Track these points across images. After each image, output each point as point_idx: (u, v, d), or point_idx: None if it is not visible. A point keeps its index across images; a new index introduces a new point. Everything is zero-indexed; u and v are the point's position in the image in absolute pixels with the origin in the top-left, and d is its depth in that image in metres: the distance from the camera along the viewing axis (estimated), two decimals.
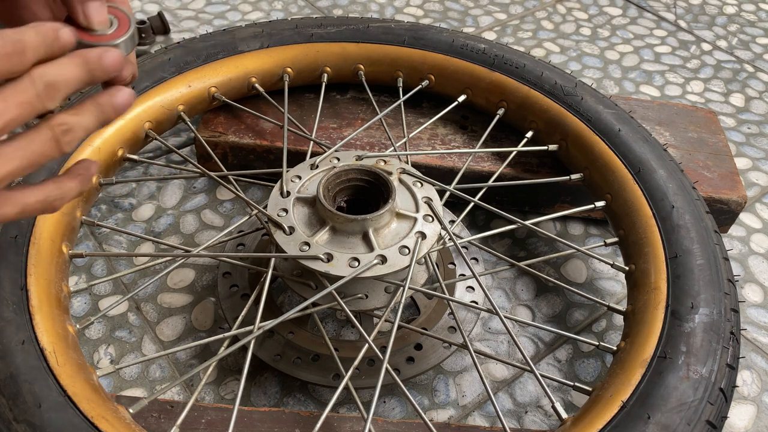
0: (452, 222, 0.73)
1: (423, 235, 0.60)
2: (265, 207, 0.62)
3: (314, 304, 0.58)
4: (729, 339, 0.56)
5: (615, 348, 0.60)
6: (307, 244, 0.59)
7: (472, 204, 0.70)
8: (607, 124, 0.73)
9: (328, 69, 0.83)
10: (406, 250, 0.59)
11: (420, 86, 0.82)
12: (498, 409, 0.55)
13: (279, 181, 0.64)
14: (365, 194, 0.64)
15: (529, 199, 0.81)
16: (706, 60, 1.14)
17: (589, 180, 0.72)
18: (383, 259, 0.58)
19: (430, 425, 0.53)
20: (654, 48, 1.16)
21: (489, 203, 0.70)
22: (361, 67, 0.83)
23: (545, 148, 0.76)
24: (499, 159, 0.79)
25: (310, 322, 0.68)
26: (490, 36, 1.17)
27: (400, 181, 0.65)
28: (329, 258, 0.58)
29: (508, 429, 0.54)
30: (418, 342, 0.66)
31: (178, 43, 0.80)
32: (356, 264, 0.57)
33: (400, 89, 0.82)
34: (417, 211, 0.62)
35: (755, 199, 0.89)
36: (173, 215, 0.81)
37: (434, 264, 0.64)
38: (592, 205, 0.70)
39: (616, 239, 0.68)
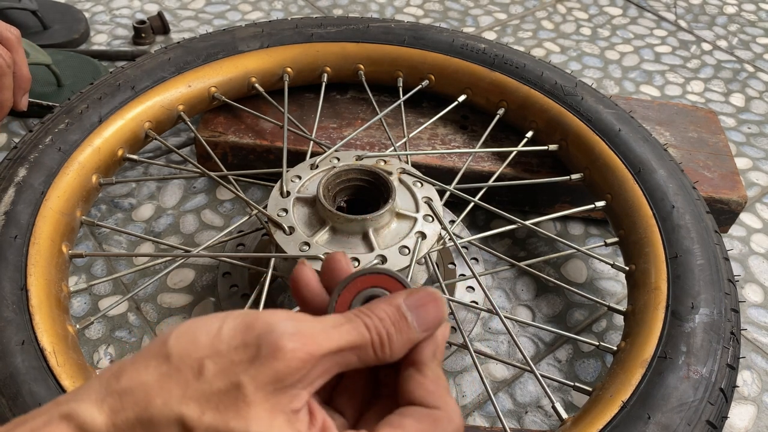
0: (452, 222, 0.72)
1: (423, 235, 0.60)
2: (265, 207, 0.62)
3: None
4: (729, 339, 0.56)
5: (615, 348, 0.60)
6: (307, 244, 0.59)
7: (472, 204, 0.70)
8: (607, 124, 0.73)
9: (328, 69, 0.83)
10: (406, 250, 0.59)
11: (420, 86, 0.82)
12: (498, 409, 0.55)
13: (279, 181, 0.64)
14: (365, 194, 0.64)
15: (529, 199, 0.81)
16: (706, 60, 1.14)
17: (589, 180, 0.72)
18: (383, 260, 0.58)
19: None
20: (654, 48, 1.16)
21: (489, 203, 0.70)
22: (361, 66, 0.83)
23: (545, 148, 0.75)
24: (499, 159, 0.79)
25: None
26: (490, 36, 1.17)
27: (400, 181, 0.65)
28: None
29: (508, 429, 0.54)
30: None
31: (178, 42, 0.80)
32: (356, 264, 0.57)
33: (400, 89, 0.82)
34: (417, 211, 0.62)
35: (755, 199, 0.89)
36: (173, 215, 0.81)
37: (434, 264, 0.64)
38: (593, 205, 0.70)
39: (616, 239, 0.68)
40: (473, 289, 0.71)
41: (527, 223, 0.67)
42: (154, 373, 0.28)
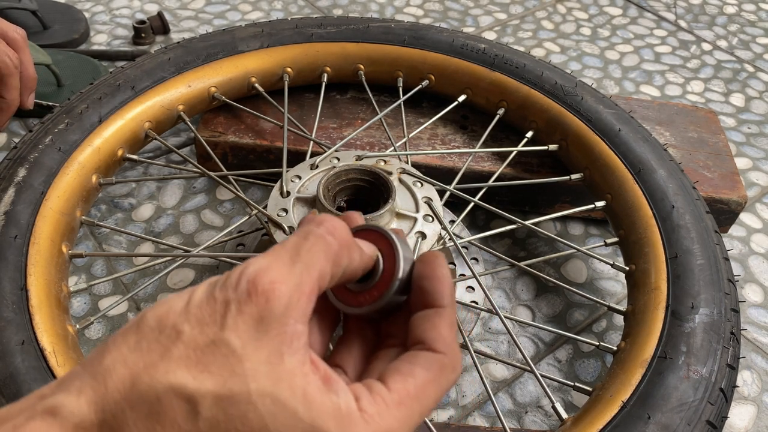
0: (452, 222, 0.72)
1: (423, 235, 0.60)
2: (265, 207, 0.62)
3: None
4: (729, 339, 0.56)
5: (615, 348, 0.60)
6: None
7: (472, 204, 0.70)
8: (607, 124, 0.73)
9: (328, 69, 0.83)
10: None
11: (420, 86, 0.82)
12: (498, 410, 0.55)
13: (279, 181, 0.64)
14: (365, 194, 0.64)
15: (530, 199, 0.81)
16: (706, 60, 1.14)
17: (589, 180, 0.72)
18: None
19: (430, 425, 0.53)
20: (654, 48, 1.16)
21: (489, 203, 0.70)
22: (361, 66, 0.83)
23: (545, 148, 0.75)
24: (499, 159, 0.79)
25: None
26: (490, 36, 1.17)
27: (400, 181, 0.65)
28: None
29: (508, 429, 0.54)
30: None
31: (178, 42, 0.80)
32: None
33: (400, 89, 0.82)
34: (417, 211, 0.62)
35: (755, 199, 0.89)
36: (173, 215, 0.81)
37: None
38: (593, 205, 0.70)
39: (616, 239, 0.68)
40: (473, 289, 0.71)
41: (527, 223, 0.67)
42: (133, 347, 0.27)
